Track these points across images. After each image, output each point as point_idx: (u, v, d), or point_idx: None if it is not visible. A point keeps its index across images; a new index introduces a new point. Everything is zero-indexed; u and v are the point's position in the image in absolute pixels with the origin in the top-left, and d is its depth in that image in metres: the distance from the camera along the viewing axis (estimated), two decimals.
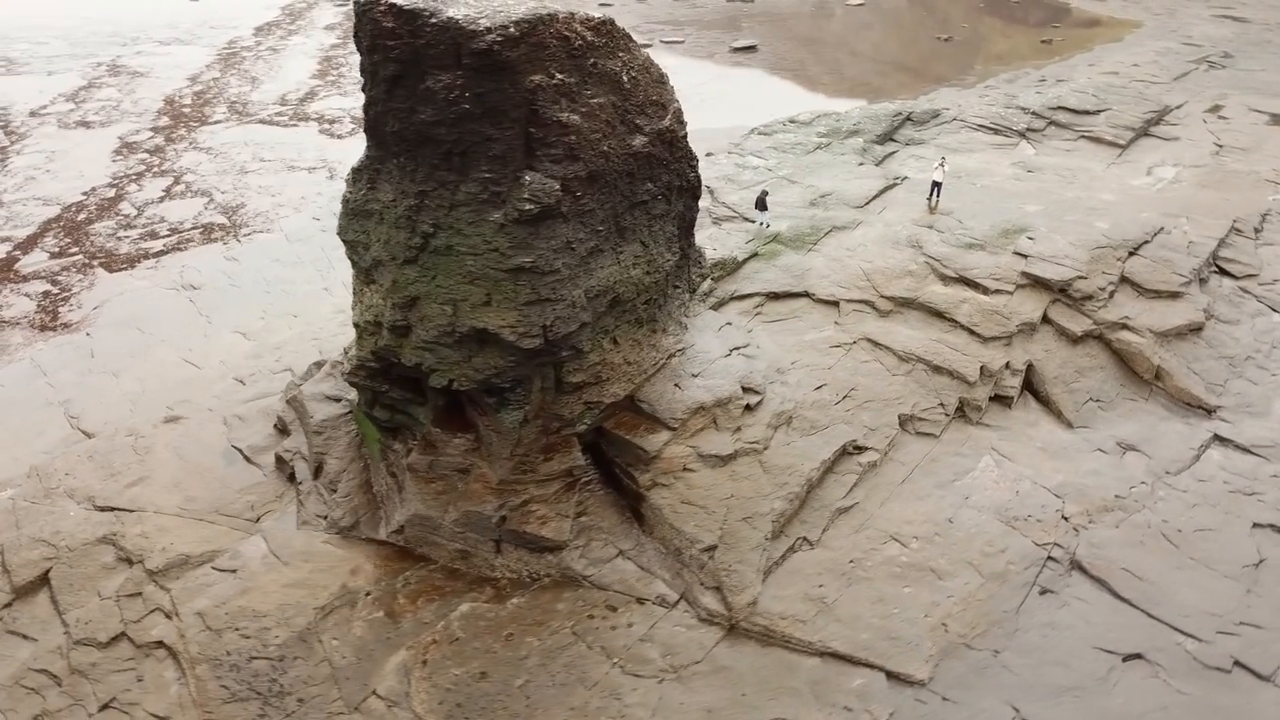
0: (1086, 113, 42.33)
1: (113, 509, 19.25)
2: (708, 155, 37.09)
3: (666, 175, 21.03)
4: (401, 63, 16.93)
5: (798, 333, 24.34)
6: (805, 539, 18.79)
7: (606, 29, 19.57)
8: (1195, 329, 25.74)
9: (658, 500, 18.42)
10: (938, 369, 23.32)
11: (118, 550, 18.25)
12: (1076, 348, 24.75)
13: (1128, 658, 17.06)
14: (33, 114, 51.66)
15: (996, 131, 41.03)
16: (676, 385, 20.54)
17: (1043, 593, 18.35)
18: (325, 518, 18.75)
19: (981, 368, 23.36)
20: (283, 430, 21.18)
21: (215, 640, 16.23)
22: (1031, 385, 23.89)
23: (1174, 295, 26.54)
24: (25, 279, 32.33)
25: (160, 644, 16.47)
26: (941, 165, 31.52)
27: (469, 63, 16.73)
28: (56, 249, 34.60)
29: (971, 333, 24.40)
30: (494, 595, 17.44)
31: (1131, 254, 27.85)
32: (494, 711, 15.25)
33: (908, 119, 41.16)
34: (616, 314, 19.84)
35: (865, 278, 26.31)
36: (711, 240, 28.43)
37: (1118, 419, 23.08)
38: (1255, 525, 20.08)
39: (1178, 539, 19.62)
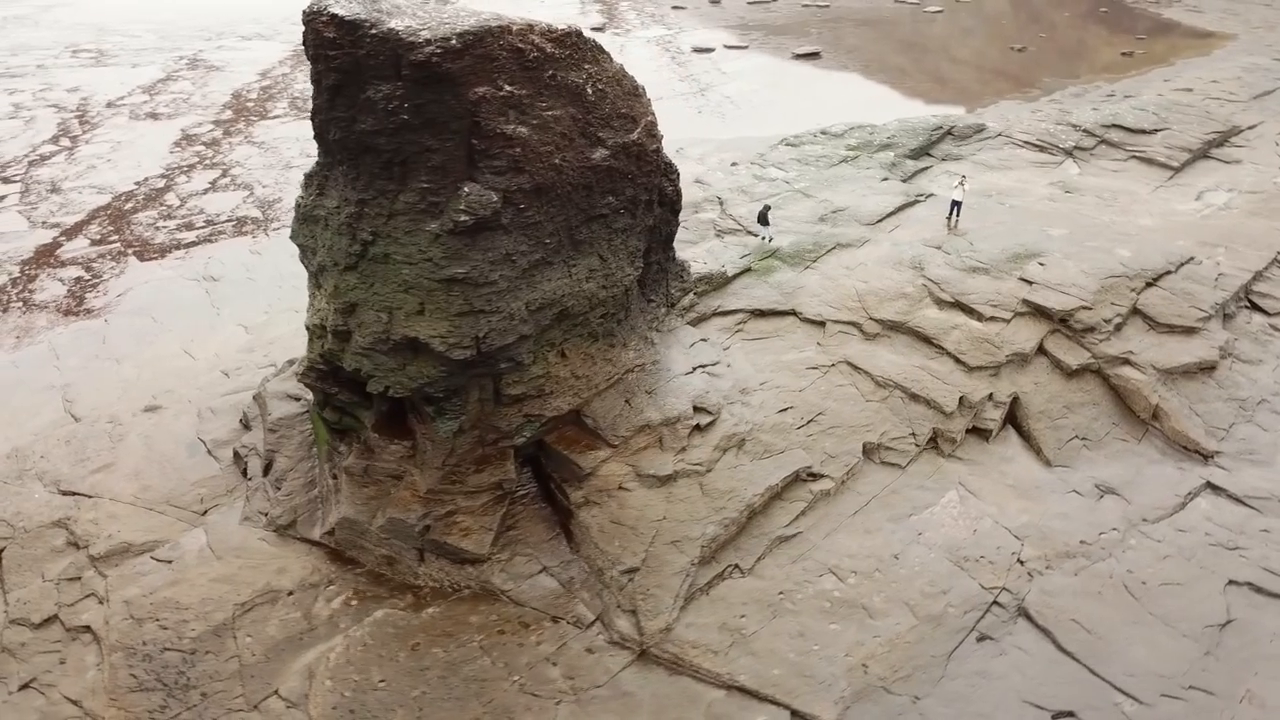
0: (1142, 131, 40.44)
1: (73, 494, 20.03)
2: (733, 165, 36.77)
3: (631, 189, 20.80)
4: (343, 72, 17.12)
5: (776, 352, 23.84)
6: (737, 566, 18.38)
7: (571, 41, 19.41)
8: (1207, 368, 24.31)
9: (586, 518, 18.26)
10: (915, 397, 22.57)
11: (68, 534, 18.98)
12: (1070, 382, 23.64)
13: (1057, 715, 16.19)
14: (109, 105, 54.15)
15: (1042, 149, 39.52)
16: (627, 402, 20.33)
17: (980, 639, 17.56)
18: (266, 515, 19.13)
19: (961, 398, 22.50)
20: (246, 425, 21.71)
21: (135, 629, 16.72)
22: (1016, 419, 22.92)
23: (1188, 331, 25.12)
24: (63, 264, 33.90)
25: (87, 629, 17.05)
26: (961, 184, 30.48)
27: (408, 74, 16.81)
28: (98, 236, 36.18)
29: (958, 361, 23.54)
30: (413, 603, 17.54)
31: (1149, 285, 26.47)
32: None
33: (948, 133, 39.94)
34: (565, 327, 19.72)
35: (857, 298, 25.61)
36: (709, 253, 28.09)
37: (1103, 459, 21.95)
38: (1230, 582, 18.85)
39: (1140, 592, 18.55)
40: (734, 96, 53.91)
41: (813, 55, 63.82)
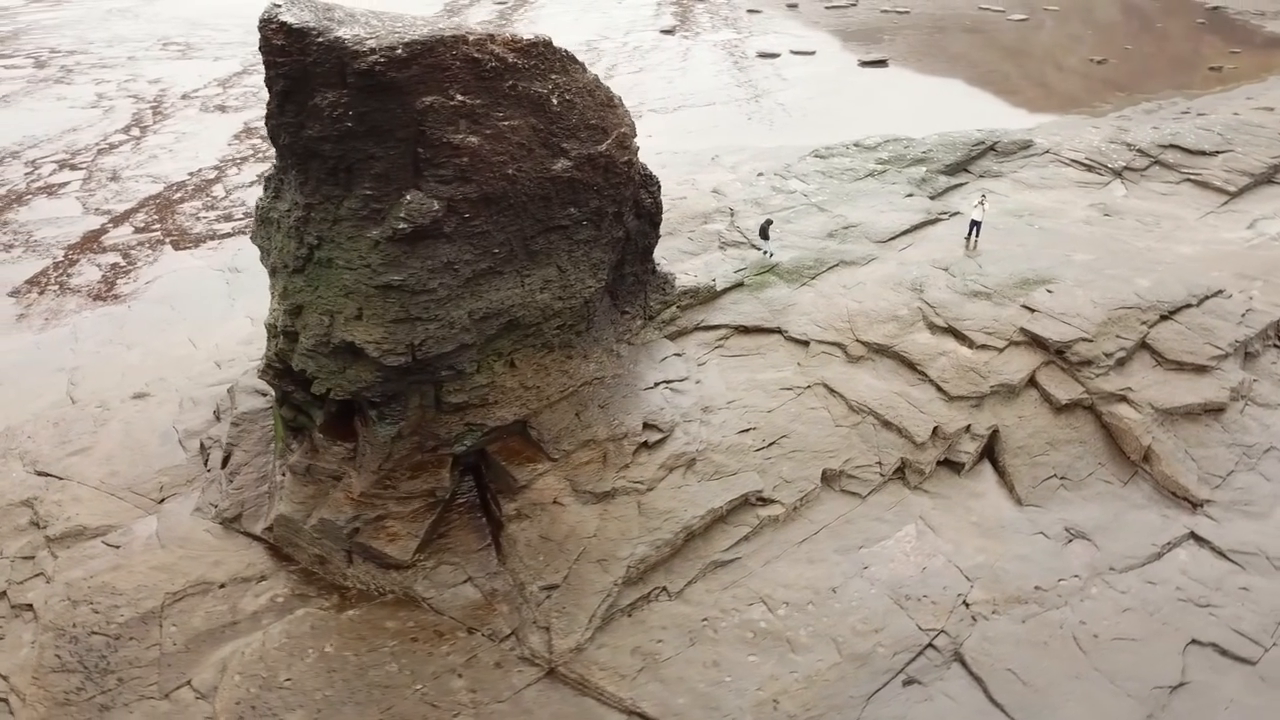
0: (1201, 153, 38.32)
1: (47, 475, 20.91)
2: (758, 175, 36.20)
3: (597, 200, 20.65)
4: (291, 79, 17.40)
5: (752, 370, 23.37)
6: (665, 589, 18.09)
7: (537, 51, 19.36)
8: (1213, 410, 22.90)
9: (514, 531, 18.21)
10: (887, 424, 21.86)
11: (32, 514, 19.82)
12: (1059, 417, 22.55)
13: None
14: (184, 96, 56.46)
15: (1089, 168, 37.83)
16: (578, 415, 20.20)
17: (907, 683, 16.89)
18: (216, 506, 19.63)
19: (935, 428, 21.69)
20: (218, 417, 22.33)
21: (70, 611, 17.35)
22: (994, 454, 21.97)
23: (1199, 369, 23.70)
24: (104, 250, 35.46)
25: (29, 607, 17.78)
26: (981, 203, 29.35)
27: (353, 82, 16.99)
28: (142, 225, 37.74)
29: (939, 389, 22.70)
30: (337, 605, 17.76)
31: (1164, 318, 25.03)
32: (275, 718, 15.56)
33: (991, 149, 38.55)
34: (516, 337, 19.70)
35: (847, 319, 24.92)
36: (706, 266, 27.71)
37: (1080, 501, 20.88)
38: (1193, 642, 17.74)
39: (1090, 645, 17.59)
40: (788, 104, 53.12)
41: (879, 63, 62.45)
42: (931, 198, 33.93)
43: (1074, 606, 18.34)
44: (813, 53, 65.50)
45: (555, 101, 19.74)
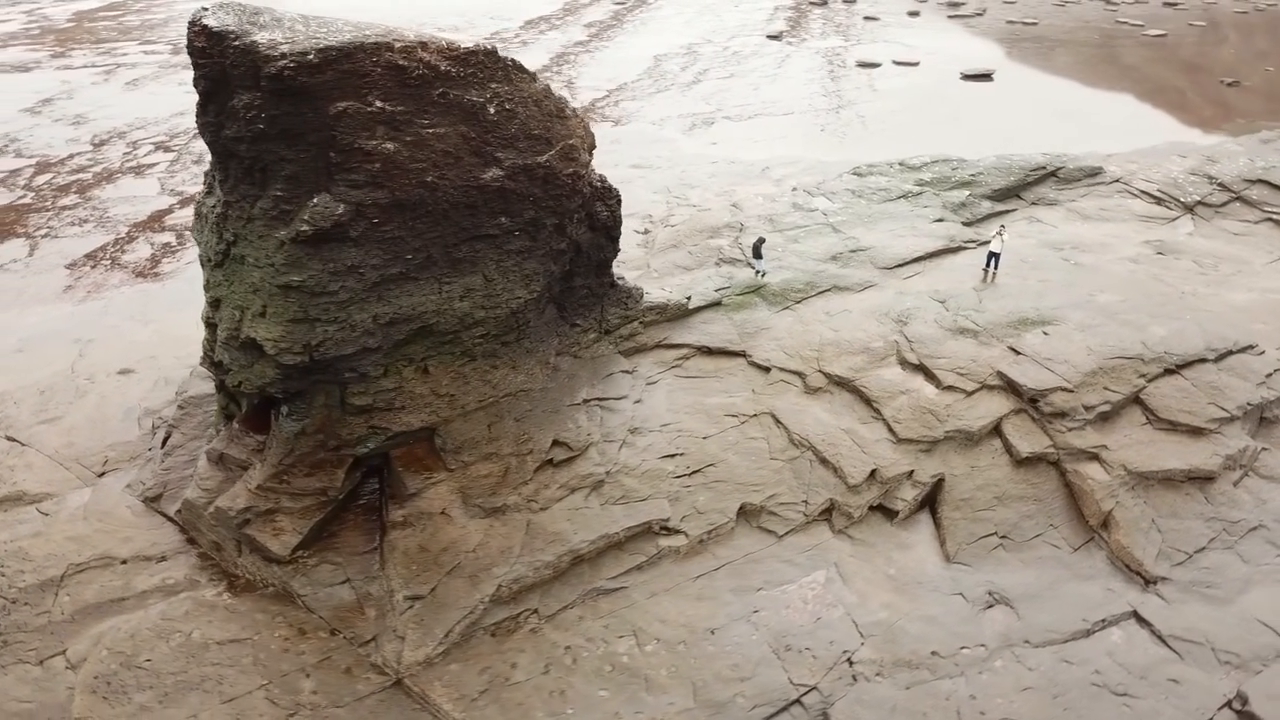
0: None
1: (14, 440, 22.33)
2: (793, 190, 35.14)
3: (533, 211, 20.48)
4: (212, 80, 17.96)
5: (702, 394, 22.70)
6: (537, 612, 17.76)
7: (476, 60, 19.37)
8: (1200, 478, 20.79)
9: (395, 538, 18.25)
10: (824, 461, 20.85)
11: None
12: (1017, 471, 20.96)
13: None
14: None
15: (1159, 201, 34.99)
16: (489, 427, 20.08)
17: None
18: (144, 485, 20.51)
19: (873, 471, 20.54)
20: (179, 399, 23.31)
21: None
22: (935, 504, 20.59)
23: (1195, 432, 21.58)
24: (163, 230, 37.63)
25: None
26: (1000, 234, 27.57)
27: (265, 85, 17.39)
28: None
29: (890, 429, 21.47)
30: (222, 592, 18.24)
31: (1170, 372, 22.92)
32: (125, 697, 16.08)
33: (1052, 174, 36.14)
34: (430, 343, 19.72)
35: (817, 348, 23.86)
36: (694, 281, 27.10)
37: (1016, 564, 19.33)
38: None
39: None
40: (868, 116, 51.36)
41: (983, 76, 59.58)
42: (966, 224, 32.09)
43: (969, 678, 16.97)
44: (916, 64, 63.10)
45: (492, 110, 19.67)
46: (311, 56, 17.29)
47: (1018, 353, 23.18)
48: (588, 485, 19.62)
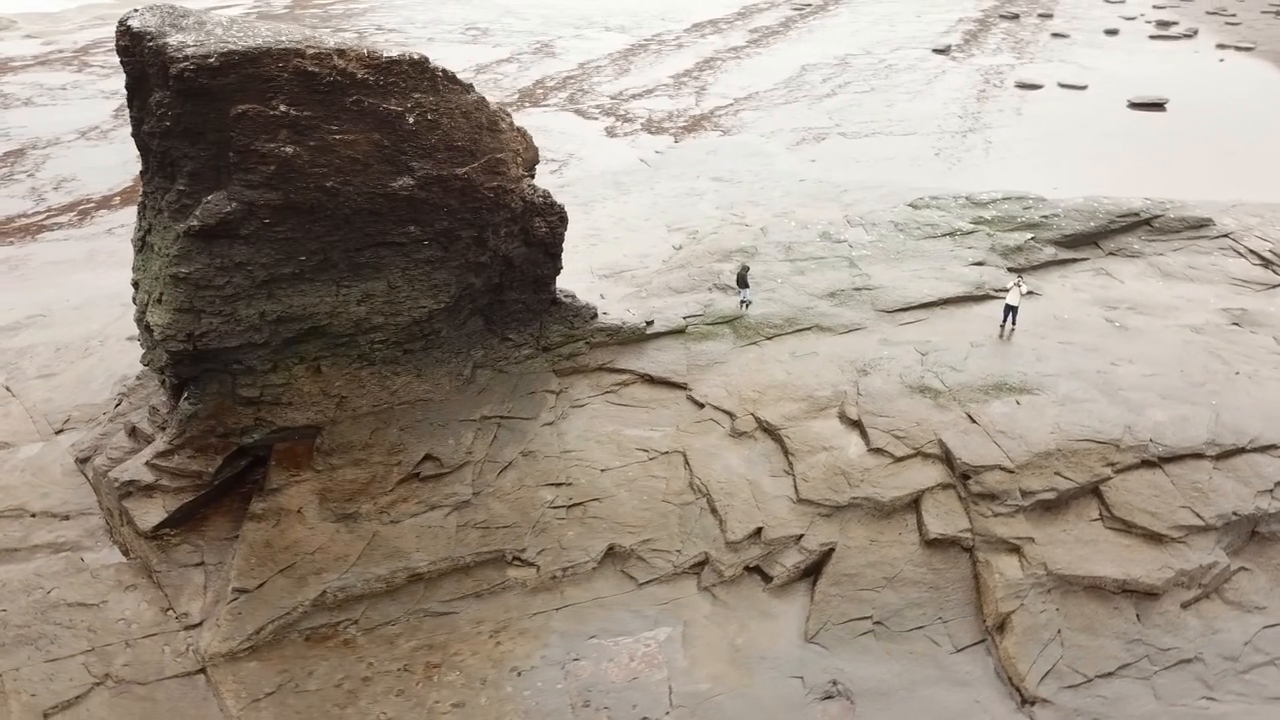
0: None
1: (7, 389, 24.70)
2: (845, 219, 33.20)
3: (446, 222, 20.47)
4: (134, 77, 19.11)
5: (622, 424, 21.95)
6: (356, 623, 17.80)
7: (399, 69, 19.58)
8: (1139, 593, 18.01)
9: (248, 529, 18.78)
10: (714, 511, 19.68)
11: None
12: (925, 552, 18.97)
13: None
14: None
15: (1267, 264, 30.43)
16: (373, 432, 20.25)
17: None
18: (83, 446, 22.18)
19: (758, 529, 19.17)
20: None
21: None
22: (819, 574, 18.92)
23: (1152, 538, 18.78)
24: None
25: None
26: (1018, 286, 24.86)
27: (172, 85, 18.34)
28: None
29: (795, 487, 19.94)
30: (97, 558, 19.41)
31: (1148, 464, 20.00)
32: None
33: (1146, 223, 32.16)
34: (323, 344, 20.09)
35: (760, 389, 22.50)
36: (675, 304, 26.17)
37: (880, 656, 17.46)
38: None
39: None
40: (996, 143, 47.64)
41: (1154, 105, 53.79)
42: (1016, 270, 29.09)
43: None
44: (1084, 87, 57.85)
45: (411, 120, 19.80)
46: (213, 60, 18.00)
47: (973, 420, 20.90)
48: (449, 504, 19.44)
